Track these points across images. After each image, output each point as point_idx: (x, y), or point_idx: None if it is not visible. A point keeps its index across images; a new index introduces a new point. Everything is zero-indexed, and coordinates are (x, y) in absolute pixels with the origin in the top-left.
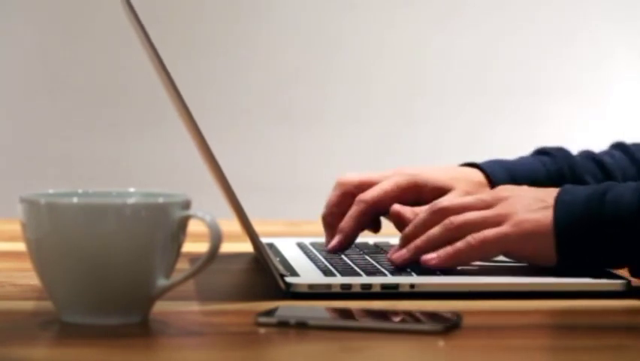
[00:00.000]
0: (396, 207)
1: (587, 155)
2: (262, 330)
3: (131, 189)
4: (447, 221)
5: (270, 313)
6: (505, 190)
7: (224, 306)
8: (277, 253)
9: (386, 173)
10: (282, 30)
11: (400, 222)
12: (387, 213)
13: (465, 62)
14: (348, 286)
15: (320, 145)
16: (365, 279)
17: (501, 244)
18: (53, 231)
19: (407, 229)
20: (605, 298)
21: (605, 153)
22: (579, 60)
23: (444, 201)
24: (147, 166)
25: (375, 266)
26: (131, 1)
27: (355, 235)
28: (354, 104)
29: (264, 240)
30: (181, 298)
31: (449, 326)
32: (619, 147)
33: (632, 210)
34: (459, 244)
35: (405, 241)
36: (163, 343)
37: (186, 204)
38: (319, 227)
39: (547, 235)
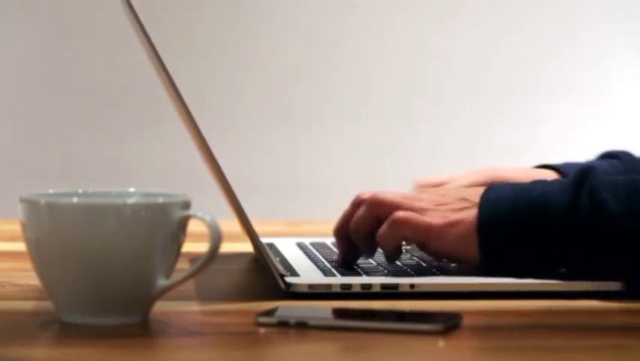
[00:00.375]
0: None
1: None
2: (262, 330)
3: (131, 189)
4: (370, 198)
5: (270, 313)
6: (433, 193)
7: (224, 306)
8: (277, 253)
9: (461, 173)
10: (282, 30)
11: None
12: None
13: (465, 62)
14: (348, 286)
15: (320, 145)
16: (365, 279)
17: (424, 230)
18: (53, 231)
19: (337, 226)
20: (603, 299)
21: None
22: (579, 60)
23: (365, 193)
24: (147, 166)
25: (376, 266)
26: (131, 1)
27: None
28: (354, 104)
29: (264, 240)
30: (181, 298)
31: (449, 326)
32: None
33: (561, 208)
34: (384, 225)
35: (338, 238)
36: (163, 343)
37: (186, 204)
38: (319, 227)
39: (469, 233)
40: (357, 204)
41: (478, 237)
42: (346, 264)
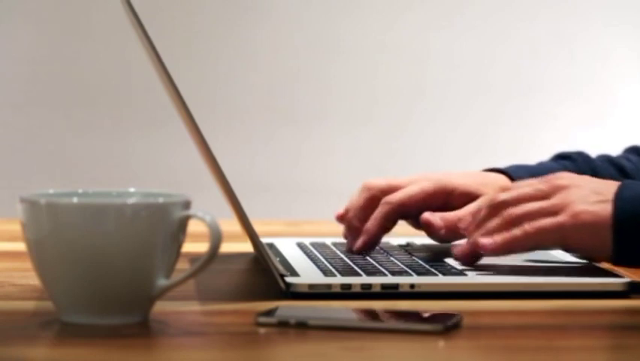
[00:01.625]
0: (427, 215)
1: (606, 159)
2: (262, 330)
3: (131, 189)
4: (505, 213)
5: (270, 313)
6: (563, 179)
7: (224, 306)
8: (277, 253)
9: (413, 178)
10: (283, 31)
11: (430, 230)
12: (410, 216)
13: (467, 64)
14: (348, 286)
15: (320, 145)
16: (365, 279)
17: (557, 233)
18: (53, 231)
19: (467, 224)
20: (605, 298)
21: (622, 156)
22: (581, 62)
23: (501, 195)
24: (147, 166)
25: (375, 266)
26: (131, 1)
27: (380, 236)
28: (354, 104)
29: (264, 240)
30: (181, 298)
31: (449, 326)
32: (634, 150)
33: None
34: (515, 231)
35: (469, 233)
36: (163, 343)
37: (186, 204)
38: (319, 227)
39: (604, 228)
40: (493, 208)
41: (612, 234)
42: (360, 252)
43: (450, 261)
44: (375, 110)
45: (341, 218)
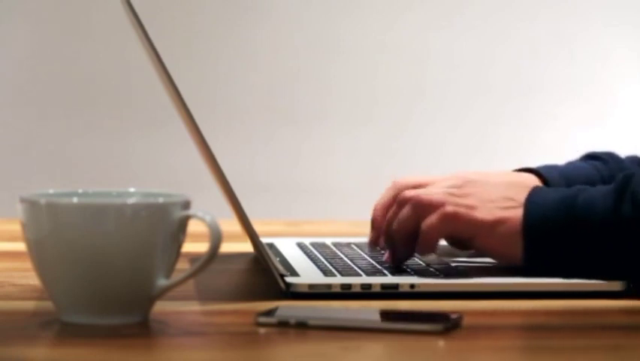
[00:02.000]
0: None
1: (634, 160)
2: (262, 330)
3: (131, 189)
4: (416, 199)
5: (270, 313)
6: (473, 184)
7: (224, 306)
8: (277, 253)
9: (443, 176)
10: (283, 31)
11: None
12: None
13: (467, 64)
14: (348, 286)
15: (320, 145)
16: (365, 279)
17: (475, 226)
18: (53, 231)
19: (385, 226)
20: (604, 299)
21: None
22: (581, 62)
23: (409, 192)
24: (147, 166)
25: (375, 266)
26: (131, 1)
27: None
28: (354, 105)
29: (264, 240)
30: (181, 298)
31: (449, 326)
32: None
33: (604, 214)
34: (430, 217)
35: (386, 240)
36: (163, 343)
37: (186, 204)
38: (319, 227)
39: (515, 233)
40: (401, 203)
41: (522, 238)
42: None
43: (451, 261)
44: (375, 110)
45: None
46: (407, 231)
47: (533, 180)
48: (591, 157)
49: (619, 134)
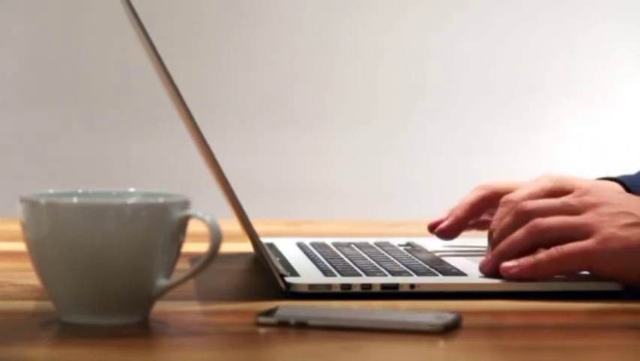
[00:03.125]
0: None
1: None
2: (262, 330)
3: (131, 189)
4: (531, 224)
5: (270, 313)
6: (592, 195)
7: (224, 306)
8: (277, 253)
9: (529, 180)
10: (283, 31)
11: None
12: None
13: (466, 64)
14: (348, 286)
15: (320, 146)
16: (365, 279)
17: (584, 260)
18: (53, 231)
19: (494, 235)
20: (603, 299)
21: None
22: (580, 62)
23: (529, 204)
24: (147, 166)
25: (375, 266)
26: (131, 1)
27: None
28: (354, 105)
29: (264, 240)
30: (181, 298)
31: (449, 326)
32: None
33: None
34: (541, 256)
35: (493, 247)
36: (163, 343)
37: (186, 204)
38: (319, 227)
39: (635, 254)
40: (518, 216)
41: None
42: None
43: (449, 261)
44: (375, 110)
45: (432, 227)
46: (516, 254)
47: (618, 188)
48: None
49: (618, 133)
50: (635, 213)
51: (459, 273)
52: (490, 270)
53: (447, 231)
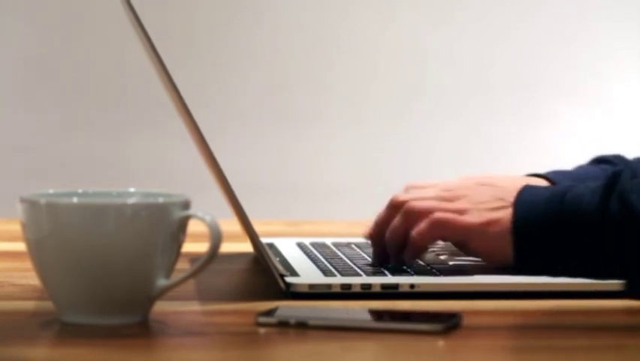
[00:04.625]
0: None
1: None
2: (262, 330)
3: (131, 189)
4: (405, 208)
5: (270, 313)
6: (464, 188)
7: (224, 306)
8: (277, 253)
9: (453, 180)
10: (281, 31)
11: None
12: None
13: (463, 63)
14: (348, 286)
15: (320, 146)
16: (365, 279)
17: (464, 230)
18: (53, 231)
19: (372, 230)
20: (604, 298)
21: None
22: (578, 60)
23: (401, 196)
24: (147, 166)
25: (375, 266)
26: (131, 1)
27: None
28: (353, 104)
29: (264, 240)
30: (181, 298)
31: (449, 326)
32: None
33: (591, 211)
34: (419, 225)
35: (373, 242)
36: (163, 343)
37: (186, 204)
38: (319, 227)
39: (505, 233)
40: (393, 207)
41: (512, 238)
42: (381, 264)
43: (450, 261)
44: (375, 110)
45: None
46: (398, 239)
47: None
48: (600, 161)
49: (617, 132)
50: (505, 198)
51: (459, 273)
52: (380, 262)
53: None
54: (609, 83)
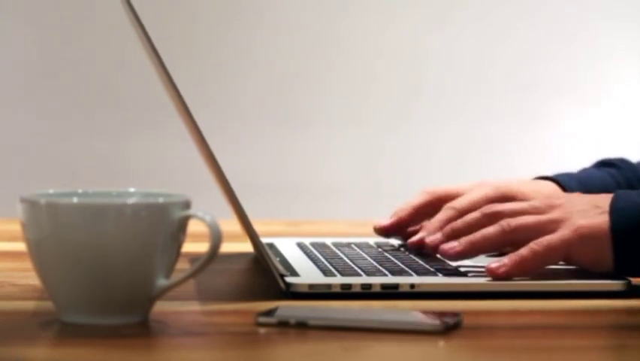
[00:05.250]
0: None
1: None
2: (262, 330)
3: (131, 189)
4: (503, 222)
5: (270, 313)
6: (557, 198)
7: (224, 306)
8: (277, 253)
9: (472, 184)
10: (283, 32)
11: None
12: None
13: (462, 63)
14: (348, 286)
15: (321, 146)
16: (365, 279)
17: (564, 249)
18: (53, 231)
19: (457, 223)
20: (605, 298)
21: None
22: (578, 60)
23: (497, 205)
24: (147, 166)
25: (375, 266)
26: (131, 1)
27: None
28: (353, 105)
29: (264, 240)
30: (181, 298)
31: (449, 326)
32: None
33: None
34: (523, 251)
35: (453, 234)
36: (163, 343)
37: (186, 204)
38: (319, 227)
39: (605, 239)
40: (486, 214)
41: (612, 244)
42: (413, 247)
43: (450, 261)
44: (374, 109)
45: (381, 230)
46: (491, 250)
47: (554, 188)
48: (604, 164)
49: (616, 132)
50: (600, 205)
51: (459, 273)
52: (457, 255)
53: (386, 229)
54: (609, 83)
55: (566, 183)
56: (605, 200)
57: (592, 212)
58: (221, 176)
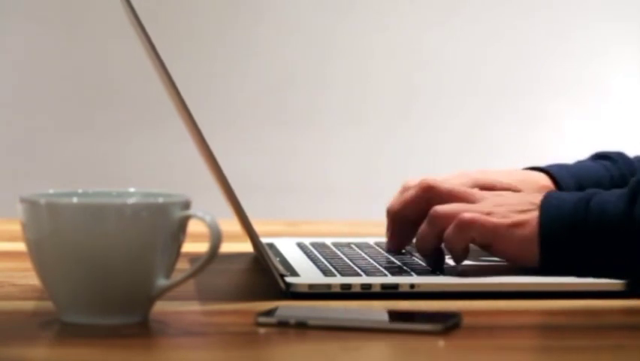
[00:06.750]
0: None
1: None
2: (262, 330)
3: (131, 189)
4: (431, 213)
5: (270, 313)
6: (493, 193)
7: (224, 306)
8: (277, 253)
9: (450, 175)
10: (282, 32)
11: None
12: None
13: (461, 63)
14: (348, 286)
15: (320, 146)
16: (365, 279)
17: (491, 232)
18: (53, 231)
19: (394, 206)
20: (604, 298)
21: None
22: (575, 59)
23: (430, 180)
24: (147, 166)
25: (375, 266)
26: (131, 1)
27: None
28: (352, 105)
29: (264, 240)
30: (181, 298)
31: (449, 326)
32: None
33: (616, 217)
34: (449, 229)
35: (391, 216)
36: (163, 343)
37: (186, 204)
38: (319, 227)
39: (532, 235)
40: (408, 189)
41: (539, 240)
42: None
43: (450, 261)
44: (373, 109)
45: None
46: (430, 247)
47: (544, 179)
48: (600, 157)
49: (615, 132)
50: (532, 201)
51: (459, 273)
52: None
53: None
54: (609, 83)
55: (556, 173)
56: (538, 197)
57: (522, 207)
58: (221, 176)
